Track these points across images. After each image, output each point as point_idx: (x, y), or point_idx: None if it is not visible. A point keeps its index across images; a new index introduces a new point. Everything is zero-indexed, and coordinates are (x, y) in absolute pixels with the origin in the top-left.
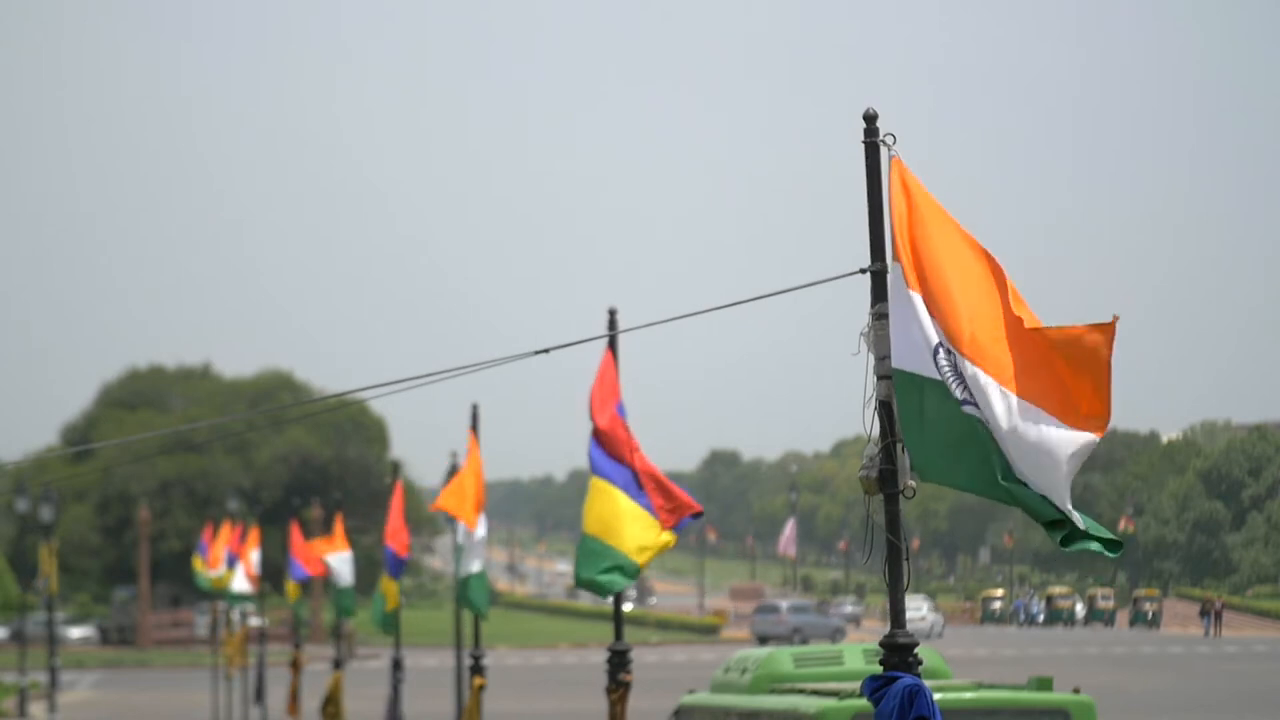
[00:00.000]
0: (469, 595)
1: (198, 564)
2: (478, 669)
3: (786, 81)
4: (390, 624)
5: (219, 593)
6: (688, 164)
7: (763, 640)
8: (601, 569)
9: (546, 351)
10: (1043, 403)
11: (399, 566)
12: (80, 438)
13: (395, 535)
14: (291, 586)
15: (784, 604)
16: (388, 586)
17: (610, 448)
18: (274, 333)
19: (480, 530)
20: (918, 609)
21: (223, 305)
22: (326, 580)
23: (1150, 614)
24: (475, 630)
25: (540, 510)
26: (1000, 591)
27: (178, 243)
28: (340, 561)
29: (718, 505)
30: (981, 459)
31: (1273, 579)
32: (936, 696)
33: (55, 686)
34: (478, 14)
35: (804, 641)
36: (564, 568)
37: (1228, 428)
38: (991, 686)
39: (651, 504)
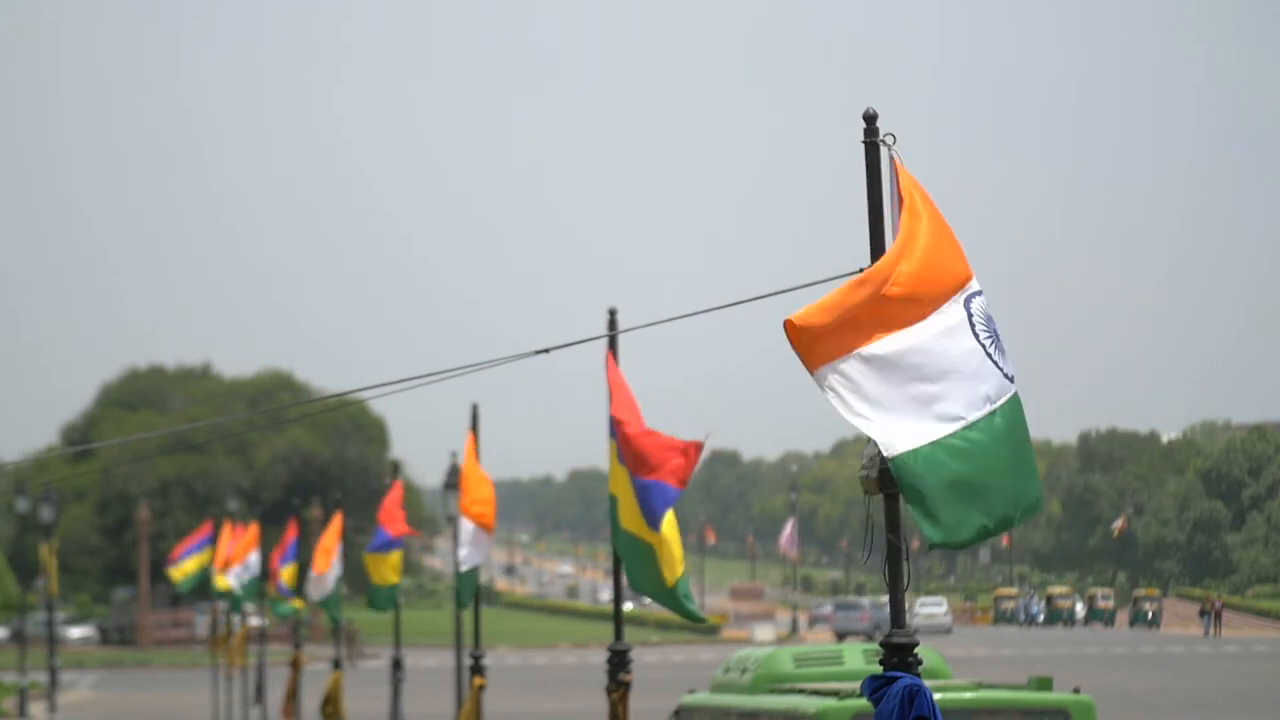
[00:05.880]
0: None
1: (190, 565)
2: (478, 669)
3: (786, 81)
4: (386, 601)
5: (224, 595)
6: (688, 164)
7: (841, 636)
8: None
9: (546, 351)
10: None
11: (387, 544)
12: (80, 438)
13: (389, 517)
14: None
15: (865, 601)
16: (375, 563)
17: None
18: (274, 333)
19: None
20: (939, 605)
21: (223, 305)
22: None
23: (1150, 614)
24: (475, 630)
25: (540, 510)
26: (1014, 590)
27: (178, 243)
28: (326, 574)
29: (718, 505)
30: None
31: (1273, 579)
32: (936, 696)
33: (55, 686)
34: (477, 15)
35: None
36: (564, 568)
37: (1228, 428)
38: (991, 686)
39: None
